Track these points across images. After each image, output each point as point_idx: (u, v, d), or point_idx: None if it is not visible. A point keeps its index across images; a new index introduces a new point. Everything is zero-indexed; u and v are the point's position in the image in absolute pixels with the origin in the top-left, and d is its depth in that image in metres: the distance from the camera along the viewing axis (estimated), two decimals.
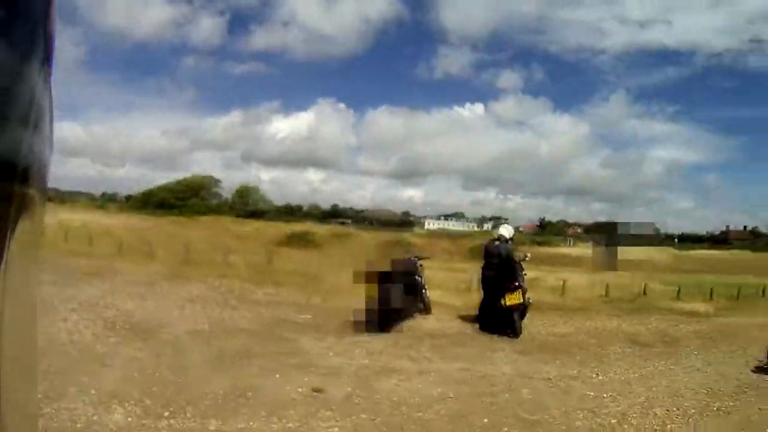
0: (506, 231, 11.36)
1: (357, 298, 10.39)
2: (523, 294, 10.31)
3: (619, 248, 36.71)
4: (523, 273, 10.82)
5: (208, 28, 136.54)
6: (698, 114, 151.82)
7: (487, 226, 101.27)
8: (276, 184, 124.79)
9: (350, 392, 6.51)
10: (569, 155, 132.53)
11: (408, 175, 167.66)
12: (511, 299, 10.12)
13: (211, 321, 9.42)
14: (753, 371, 8.51)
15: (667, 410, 6.64)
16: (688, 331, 12.15)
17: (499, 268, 10.69)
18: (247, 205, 69.09)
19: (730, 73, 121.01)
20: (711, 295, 18.58)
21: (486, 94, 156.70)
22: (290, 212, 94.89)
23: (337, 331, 9.57)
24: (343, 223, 71.44)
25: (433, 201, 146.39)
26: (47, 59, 0.69)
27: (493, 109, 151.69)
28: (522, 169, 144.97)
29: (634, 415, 6.42)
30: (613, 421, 6.20)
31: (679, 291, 18.38)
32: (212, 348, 7.76)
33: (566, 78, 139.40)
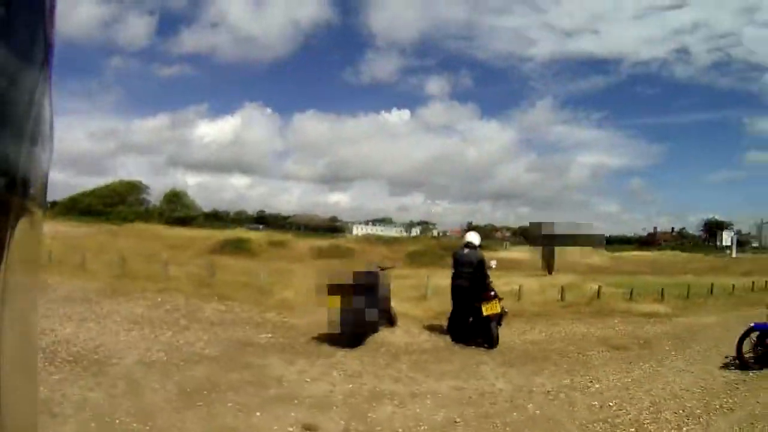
0: (475, 238, 11.02)
1: (313, 313, 10.16)
2: (499, 303, 10.00)
3: (557, 250, 36.48)
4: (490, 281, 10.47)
5: (136, 28, 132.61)
6: (623, 121, 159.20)
7: (415, 231, 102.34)
8: (202, 189, 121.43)
9: (346, 426, 5.79)
10: (496, 160, 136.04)
11: (334, 180, 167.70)
12: (489, 309, 9.76)
13: (164, 346, 8.31)
14: (732, 367, 8.80)
15: (675, 412, 6.65)
16: (656, 333, 12.34)
17: (473, 277, 10.33)
18: (175, 211, 67.27)
19: (655, 81, 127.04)
20: (662, 295, 18.93)
21: (413, 100, 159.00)
22: (218, 218, 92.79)
23: (305, 351, 8.80)
24: (256, 228, 69.26)
25: (360, 206, 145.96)
26: (47, 62, 0.70)
27: (421, 115, 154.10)
28: (449, 174, 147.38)
29: (648, 421, 6.38)
30: (632, 430, 6.15)
31: (631, 293, 18.65)
32: (173, 381, 6.69)
33: (494, 84, 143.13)
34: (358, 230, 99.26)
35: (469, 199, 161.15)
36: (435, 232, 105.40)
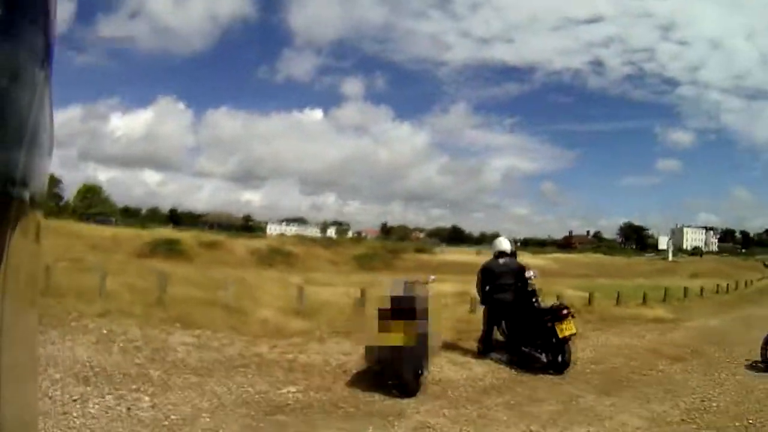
0: (507, 245, 9.68)
1: (313, 339, 9.36)
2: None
3: None
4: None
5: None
6: (535, 127, 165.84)
7: (330, 231, 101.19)
8: (113, 185, 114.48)
9: None
10: (408, 162, 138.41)
11: (247, 178, 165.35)
12: (566, 329, 8.28)
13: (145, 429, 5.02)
14: None
15: None
16: (686, 339, 12.13)
17: (516, 289, 9.16)
18: (90, 208, 61.79)
19: (568, 91, 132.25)
20: (644, 300, 18.82)
21: (328, 100, 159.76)
22: (132, 215, 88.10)
23: (360, 410, 6.12)
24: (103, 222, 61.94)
25: (272, 204, 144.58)
26: (47, 62, 0.69)
27: (335, 115, 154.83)
28: (361, 174, 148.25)
29: None
30: None
31: (618, 298, 18.08)
32: None
33: (408, 87, 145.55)
34: (273, 230, 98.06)
35: (381, 200, 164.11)
36: (350, 233, 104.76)
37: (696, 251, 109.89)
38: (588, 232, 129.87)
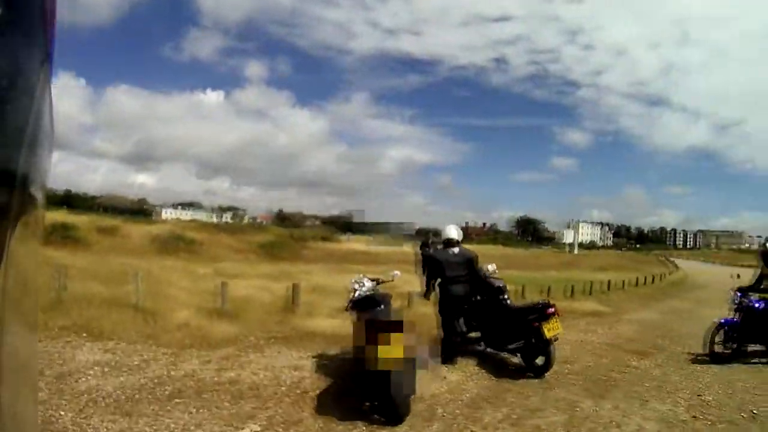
0: (456, 232, 8.73)
1: (247, 347, 8.29)
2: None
3: None
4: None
5: None
6: (435, 119, 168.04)
7: (226, 216, 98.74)
8: None
9: None
10: (306, 148, 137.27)
11: (142, 159, 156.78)
12: (552, 329, 7.61)
13: None
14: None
15: None
16: (636, 332, 12.65)
17: (472, 283, 8.44)
18: None
19: (471, 86, 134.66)
20: (572, 292, 19.30)
21: (230, 82, 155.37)
22: None
23: None
24: None
25: (166, 188, 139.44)
26: (47, 61, 0.70)
27: (236, 98, 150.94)
28: (257, 159, 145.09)
29: None
30: None
31: (548, 290, 18.21)
32: None
33: (311, 74, 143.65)
34: (167, 214, 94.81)
35: (276, 186, 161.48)
36: (246, 219, 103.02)
37: (592, 245, 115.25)
38: (484, 224, 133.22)
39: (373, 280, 7.69)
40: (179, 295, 12.68)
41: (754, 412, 6.20)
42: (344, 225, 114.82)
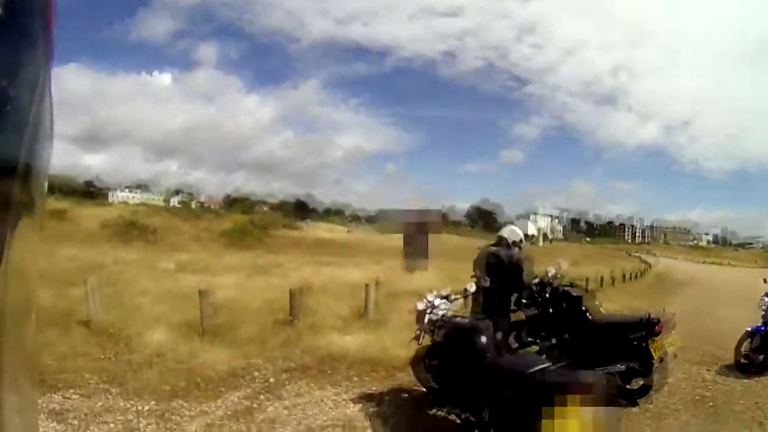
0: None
1: (272, 397, 5.80)
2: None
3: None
4: None
5: None
6: (382, 108, 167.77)
7: (175, 200, 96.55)
8: None
9: None
10: (254, 134, 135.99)
11: (89, 141, 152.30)
12: (658, 348, 5.90)
13: None
14: None
15: None
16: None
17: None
18: None
19: (417, 77, 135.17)
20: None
21: (178, 64, 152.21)
22: None
23: None
24: None
25: (113, 170, 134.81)
26: (47, 60, 0.70)
27: (184, 80, 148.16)
28: (205, 143, 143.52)
29: None
30: None
31: None
32: None
33: (260, 59, 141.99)
34: (116, 197, 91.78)
35: (224, 170, 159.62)
36: (194, 203, 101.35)
37: (545, 238, 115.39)
38: (439, 211, 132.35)
39: (444, 297, 5.53)
40: (143, 303, 10.14)
41: None
42: (294, 210, 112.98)
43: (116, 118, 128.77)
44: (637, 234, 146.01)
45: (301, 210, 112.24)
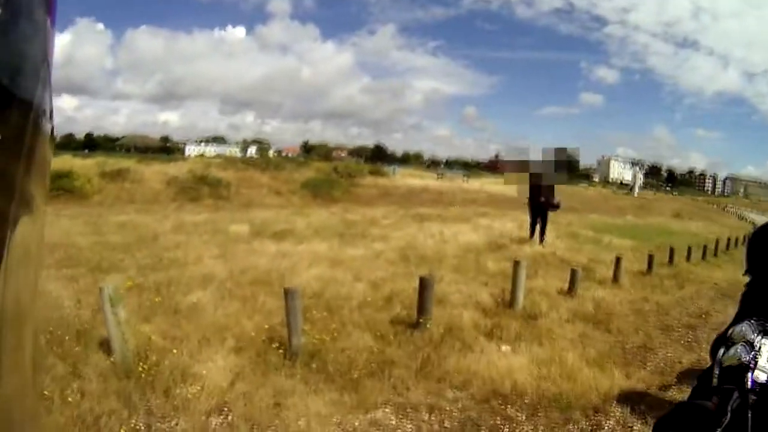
0: None
1: None
2: None
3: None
4: None
5: None
6: (460, 51, 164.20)
7: (251, 150, 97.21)
8: None
9: None
10: (330, 81, 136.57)
11: (165, 98, 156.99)
12: None
13: None
14: None
15: None
16: None
17: None
18: None
19: (495, 18, 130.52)
20: (704, 253, 15.71)
21: (252, 18, 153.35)
22: None
23: None
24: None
25: (190, 125, 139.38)
26: (47, 59, 0.68)
27: (259, 34, 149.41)
28: (282, 93, 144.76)
29: None
30: None
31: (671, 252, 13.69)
32: None
33: (335, 7, 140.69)
34: (191, 150, 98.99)
35: (301, 119, 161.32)
36: (271, 151, 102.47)
37: (624, 185, 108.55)
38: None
39: (760, 326, 1.79)
40: (205, 303, 6.74)
41: None
42: (371, 156, 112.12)
43: (191, 75, 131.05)
44: (717, 185, 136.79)
45: (379, 155, 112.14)
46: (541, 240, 14.47)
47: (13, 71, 0.59)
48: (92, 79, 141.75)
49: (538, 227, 14.81)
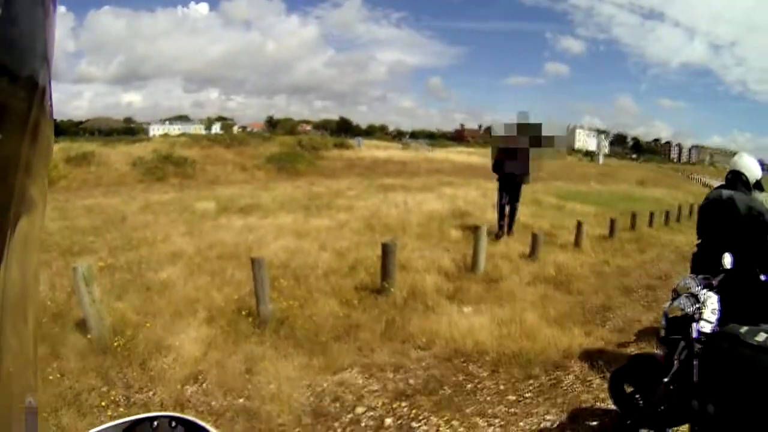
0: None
1: None
2: None
3: None
4: None
5: None
6: (423, 22, 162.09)
7: (216, 127, 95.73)
8: None
9: None
10: (295, 55, 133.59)
11: (128, 79, 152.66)
12: None
13: None
14: None
15: None
16: None
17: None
18: None
19: None
20: (667, 219, 15.87)
21: None
22: None
23: None
24: None
25: (154, 105, 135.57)
26: (47, 58, 0.65)
27: (223, 9, 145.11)
28: (246, 68, 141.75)
29: None
30: None
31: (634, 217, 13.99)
32: None
33: None
34: (156, 130, 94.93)
35: (264, 93, 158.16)
36: (235, 128, 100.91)
37: (589, 154, 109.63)
38: (480, 126, 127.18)
39: (704, 281, 3.22)
40: (175, 279, 6.90)
41: None
42: (337, 129, 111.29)
43: (155, 54, 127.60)
44: (683, 154, 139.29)
45: (344, 128, 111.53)
46: (510, 229, 11.16)
47: (18, 52, 0.58)
48: (54, 63, 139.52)
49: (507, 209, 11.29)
